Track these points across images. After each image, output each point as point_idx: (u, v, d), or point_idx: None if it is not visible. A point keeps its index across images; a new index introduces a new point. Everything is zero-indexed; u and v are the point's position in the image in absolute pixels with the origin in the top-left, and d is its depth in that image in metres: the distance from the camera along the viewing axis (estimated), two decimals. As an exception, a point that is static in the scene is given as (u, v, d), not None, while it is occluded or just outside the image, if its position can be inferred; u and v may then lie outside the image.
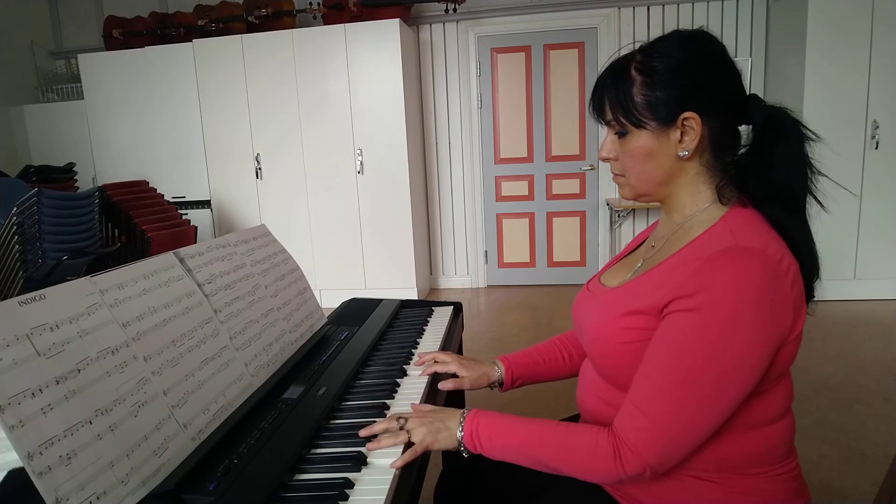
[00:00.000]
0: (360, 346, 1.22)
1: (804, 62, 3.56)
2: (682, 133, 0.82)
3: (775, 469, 0.83)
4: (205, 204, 4.51)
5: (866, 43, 3.49)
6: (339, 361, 1.14)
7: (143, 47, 4.39)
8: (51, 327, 0.70)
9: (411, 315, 1.49)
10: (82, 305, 0.76)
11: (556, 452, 0.81)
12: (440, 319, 1.45)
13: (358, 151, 4.17)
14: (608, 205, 4.44)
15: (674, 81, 0.81)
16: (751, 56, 4.18)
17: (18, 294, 1.25)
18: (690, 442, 0.76)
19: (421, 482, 1.17)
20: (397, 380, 1.08)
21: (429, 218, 4.75)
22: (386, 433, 0.86)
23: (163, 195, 4.20)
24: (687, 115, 0.81)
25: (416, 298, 3.42)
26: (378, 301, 1.57)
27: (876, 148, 3.58)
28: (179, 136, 4.43)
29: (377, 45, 4.01)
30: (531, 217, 4.67)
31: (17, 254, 2.94)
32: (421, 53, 4.53)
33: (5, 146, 4.62)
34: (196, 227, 4.12)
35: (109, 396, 0.72)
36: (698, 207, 0.86)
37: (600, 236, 4.59)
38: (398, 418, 0.89)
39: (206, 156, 4.42)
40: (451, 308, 1.54)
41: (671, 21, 4.23)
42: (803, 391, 2.44)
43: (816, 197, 0.83)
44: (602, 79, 0.87)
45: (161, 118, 4.44)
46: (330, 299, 4.21)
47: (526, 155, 4.58)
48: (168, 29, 4.48)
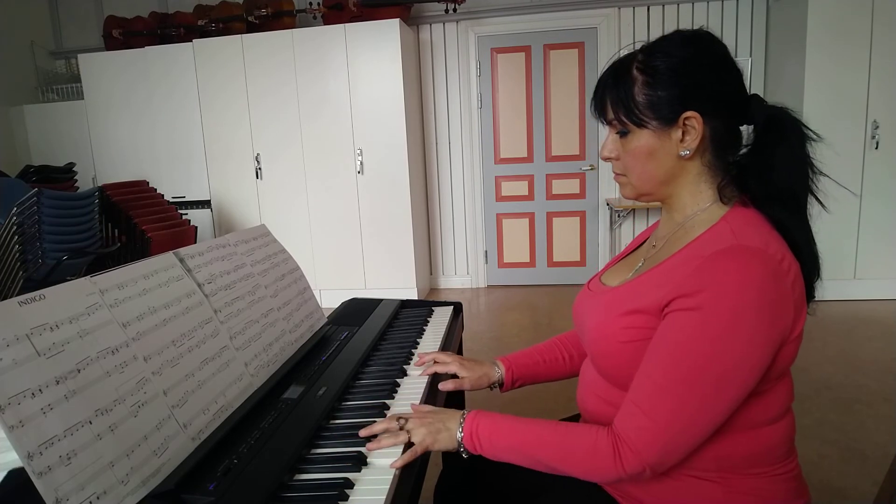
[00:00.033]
0: (360, 346, 1.22)
1: (804, 62, 3.56)
2: (684, 132, 0.82)
3: (775, 469, 0.83)
4: (205, 204, 4.51)
5: (866, 43, 3.49)
6: (339, 361, 1.14)
7: (143, 47, 4.39)
8: (51, 327, 0.70)
9: (411, 315, 1.49)
10: (82, 305, 0.76)
11: (556, 452, 0.81)
12: (440, 319, 1.45)
13: (358, 151, 4.17)
14: (608, 205, 4.44)
15: (675, 81, 0.81)
16: (751, 56, 4.18)
17: (18, 294, 1.25)
18: (691, 441, 0.76)
19: (421, 482, 1.17)
20: (397, 380, 1.08)
21: (429, 218, 4.75)
22: (386, 433, 0.86)
23: (163, 195, 4.20)
24: (688, 115, 0.81)
25: (416, 298, 3.42)
26: (378, 301, 1.57)
27: (876, 148, 3.58)
28: (179, 136, 4.44)
29: (377, 45, 4.01)
30: (531, 217, 4.67)
31: (17, 254, 2.94)
32: (421, 53, 4.53)
33: (5, 146, 4.62)
34: (196, 227, 4.12)
35: (109, 396, 0.72)
36: (699, 207, 0.86)
37: (600, 236, 4.59)
38: (398, 418, 0.89)
39: (206, 156, 4.42)
40: (451, 308, 1.54)
41: (671, 21, 4.23)
42: (803, 391, 2.44)
43: (817, 197, 0.83)
44: (604, 78, 0.87)
45: (161, 118, 4.44)
46: (330, 299, 4.21)
47: (526, 155, 4.58)
48: (168, 29, 4.48)
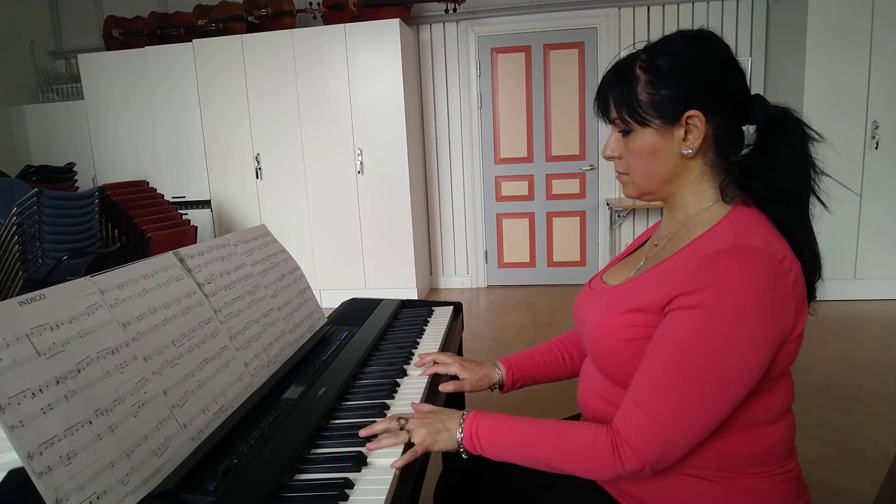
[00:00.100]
0: (360, 346, 1.22)
1: (804, 62, 3.56)
2: (686, 131, 0.83)
3: (775, 469, 0.83)
4: (205, 204, 4.51)
5: (866, 43, 3.49)
6: (339, 361, 1.14)
7: (143, 47, 4.39)
8: (51, 327, 0.70)
9: (411, 315, 1.49)
10: (82, 305, 0.75)
11: (556, 451, 0.81)
12: (440, 319, 1.45)
13: (358, 151, 4.17)
14: (608, 205, 4.44)
15: (678, 80, 0.81)
16: (751, 56, 4.18)
17: (18, 294, 1.25)
18: (690, 440, 0.76)
19: (421, 482, 1.17)
20: (397, 380, 1.08)
21: (429, 218, 4.75)
22: (386, 433, 0.86)
23: (163, 195, 4.20)
24: (691, 114, 0.81)
25: (416, 298, 3.42)
26: (378, 301, 1.57)
27: (876, 148, 3.58)
28: (179, 136, 4.43)
29: (377, 45, 4.01)
30: (531, 217, 4.67)
31: (17, 254, 2.94)
32: (421, 53, 4.53)
33: (5, 146, 4.62)
34: (196, 227, 4.12)
35: (109, 396, 0.72)
36: (701, 206, 0.86)
37: (600, 236, 4.59)
38: (398, 418, 0.89)
39: (206, 156, 4.42)
40: (451, 308, 1.54)
41: (671, 21, 4.23)
42: (803, 391, 2.44)
43: (819, 197, 0.83)
44: (607, 77, 0.87)
45: (161, 118, 4.44)
46: (330, 299, 4.21)
47: (526, 155, 4.58)
48: (168, 29, 4.48)
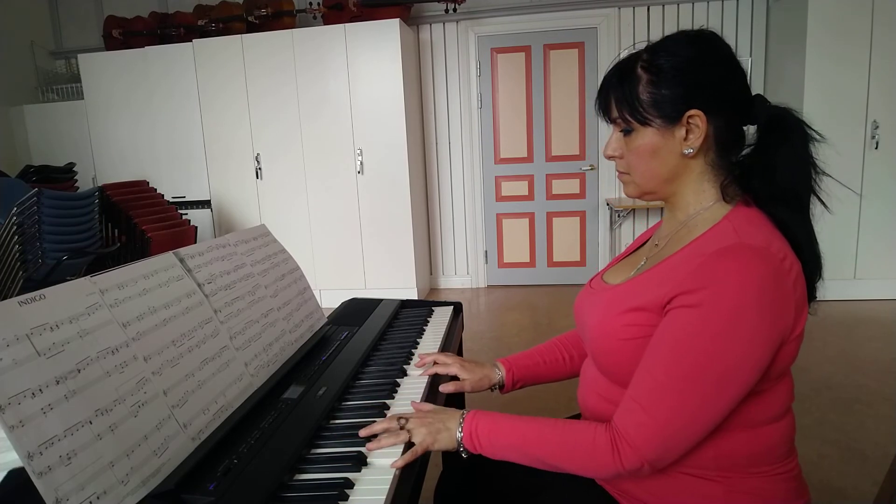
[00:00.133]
0: (360, 346, 1.22)
1: (804, 62, 3.56)
2: (688, 131, 0.83)
3: (775, 468, 0.83)
4: (205, 204, 4.51)
5: (866, 43, 3.49)
6: (339, 361, 1.14)
7: (143, 47, 4.39)
8: (51, 327, 0.70)
9: (411, 315, 1.49)
10: (82, 305, 0.75)
11: (555, 449, 0.82)
12: (440, 319, 1.45)
13: (358, 151, 4.17)
14: (608, 205, 4.44)
15: (680, 79, 0.81)
16: (751, 56, 4.18)
17: (18, 294, 1.25)
18: (690, 438, 0.76)
19: (421, 482, 1.18)
20: (397, 380, 1.08)
21: (429, 218, 4.75)
22: (386, 433, 0.86)
23: (163, 195, 4.20)
24: (692, 113, 0.81)
25: (416, 298, 3.42)
26: (378, 301, 1.57)
27: (876, 148, 3.58)
28: (179, 136, 4.43)
29: (377, 45, 4.01)
30: (531, 217, 4.67)
31: (17, 254, 2.94)
32: (421, 53, 4.53)
33: (5, 146, 4.62)
34: (196, 227, 4.12)
35: (109, 396, 0.72)
36: (702, 206, 0.87)
37: (600, 236, 4.59)
38: (398, 418, 0.89)
39: (206, 156, 4.42)
40: (451, 308, 1.54)
41: (671, 21, 4.23)
42: (803, 391, 2.44)
43: (820, 197, 0.83)
44: (608, 77, 0.88)
45: (161, 118, 4.44)
46: (330, 299, 4.21)
47: (526, 155, 4.58)
48: (168, 29, 4.48)
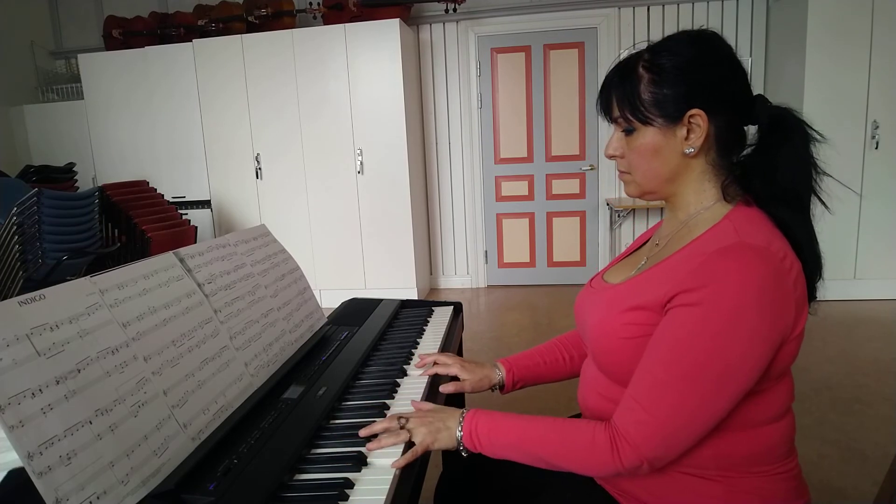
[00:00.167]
0: (360, 346, 1.22)
1: (804, 62, 3.56)
2: (689, 130, 0.83)
3: (775, 468, 0.83)
4: (205, 204, 4.51)
5: (866, 43, 3.49)
6: (339, 361, 1.14)
7: (143, 47, 4.39)
8: (51, 327, 0.70)
9: (411, 315, 1.49)
10: (82, 305, 0.75)
11: (555, 448, 0.82)
12: (440, 319, 1.45)
13: (358, 151, 4.17)
14: (608, 205, 4.44)
15: (681, 79, 0.81)
16: (751, 56, 4.18)
17: (18, 294, 1.25)
18: (690, 437, 0.76)
19: (421, 482, 1.17)
20: (397, 380, 1.08)
21: (429, 218, 4.75)
22: (386, 433, 0.86)
23: (163, 195, 4.20)
24: (694, 113, 0.81)
25: (416, 298, 3.42)
26: (378, 301, 1.57)
27: (876, 148, 3.58)
28: (179, 136, 4.43)
29: (377, 45, 4.01)
30: (531, 217, 4.67)
31: (17, 254, 2.94)
32: (421, 53, 4.53)
33: (5, 146, 4.62)
34: (196, 227, 4.12)
35: (109, 396, 0.72)
36: (703, 205, 0.87)
37: (600, 236, 4.59)
38: (399, 418, 0.89)
39: (206, 156, 4.42)
40: (451, 308, 1.54)
41: (671, 21, 4.24)
42: (803, 391, 2.44)
43: (820, 198, 0.83)
44: (610, 77, 0.88)
45: (161, 118, 4.44)
46: (330, 299, 4.21)
47: (526, 155, 4.58)
48: (168, 29, 4.48)
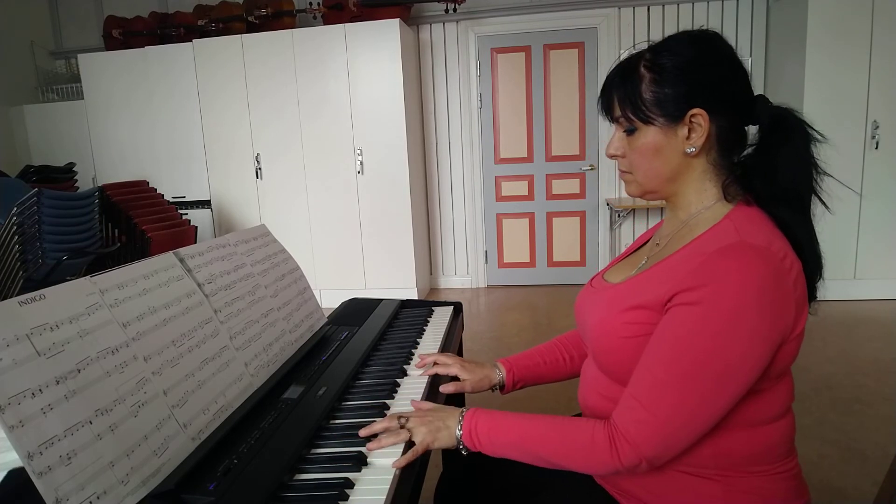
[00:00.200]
0: (360, 346, 1.22)
1: (804, 62, 3.56)
2: (690, 130, 0.83)
3: (775, 468, 0.83)
4: (205, 204, 4.51)
5: (866, 43, 3.49)
6: (339, 361, 1.14)
7: (143, 47, 4.39)
8: (51, 327, 0.70)
9: (411, 315, 1.49)
10: (82, 305, 0.75)
11: (554, 446, 0.82)
12: (440, 319, 1.45)
13: (358, 151, 4.17)
14: (608, 205, 4.44)
15: (682, 78, 0.81)
16: (751, 56, 4.18)
17: (18, 294, 1.25)
18: (689, 436, 0.77)
19: (421, 482, 1.18)
20: (397, 380, 1.08)
21: (429, 218, 4.75)
22: (386, 432, 0.86)
23: (163, 195, 4.20)
24: (695, 112, 0.81)
25: (416, 298, 3.42)
26: (378, 301, 1.57)
27: (876, 148, 3.58)
28: (179, 136, 4.43)
29: (377, 45, 4.01)
30: (531, 217, 4.67)
31: (17, 254, 2.94)
32: (421, 53, 4.53)
33: (5, 146, 4.62)
34: (196, 227, 4.13)
35: (109, 396, 0.72)
36: (704, 205, 0.87)
37: (600, 236, 4.59)
38: (399, 417, 0.89)
39: (206, 156, 4.42)
40: (451, 308, 1.54)
41: (671, 21, 4.23)
42: (803, 391, 2.44)
43: (821, 198, 0.83)
44: (611, 76, 0.88)
45: (161, 118, 4.44)
46: (330, 299, 4.21)
47: (526, 155, 4.58)
48: (168, 29, 4.48)
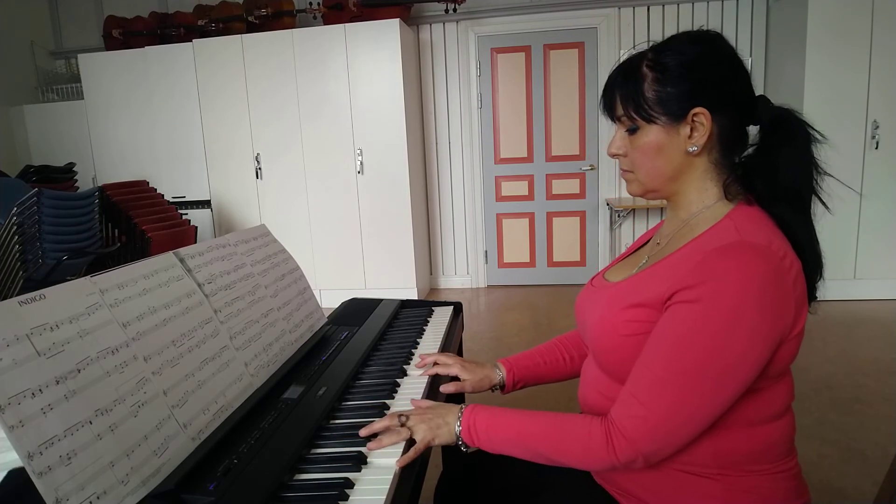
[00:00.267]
0: (360, 346, 1.22)
1: (804, 62, 3.56)
2: (692, 129, 0.83)
3: (775, 467, 0.83)
4: (205, 204, 4.51)
5: (866, 43, 3.49)
6: (339, 361, 1.14)
7: (143, 47, 4.39)
8: (51, 327, 0.70)
9: (411, 315, 1.49)
10: (82, 305, 0.75)
11: (552, 442, 0.82)
12: (440, 319, 1.45)
13: (358, 151, 4.17)
14: (608, 205, 4.44)
15: (685, 77, 0.81)
16: (751, 56, 4.18)
17: (18, 294, 1.25)
18: (687, 434, 0.77)
19: (421, 482, 1.17)
20: (397, 380, 1.08)
21: (429, 218, 4.75)
22: (386, 432, 0.86)
23: (163, 195, 4.20)
24: (697, 111, 0.82)
25: (416, 298, 3.42)
26: (378, 301, 1.57)
27: (876, 148, 3.58)
28: (179, 136, 4.43)
29: (377, 45, 4.01)
30: (531, 217, 4.67)
31: (17, 254, 2.94)
32: (421, 53, 4.53)
33: (5, 146, 4.62)
34: (196, 227, 4.13)
35: (109, 396, 0.72)
36: (704, 204, 0.87)
37: (600, 236, 4.59)
38: (399, 416, 0.89)
39: (206, 156, 4.42)
40: (451, 308, 1.54)
41: (671, 21, 4.24)
42: (803, 391, 2.44)
43: (821, 198, 0.83)
44: (613, 76, 0.88)
45: (161, 118, 4.44)
46: (330, 299, 4.21)
47: (526, 155, 4.58)
48: (168, 29, 4.48)
